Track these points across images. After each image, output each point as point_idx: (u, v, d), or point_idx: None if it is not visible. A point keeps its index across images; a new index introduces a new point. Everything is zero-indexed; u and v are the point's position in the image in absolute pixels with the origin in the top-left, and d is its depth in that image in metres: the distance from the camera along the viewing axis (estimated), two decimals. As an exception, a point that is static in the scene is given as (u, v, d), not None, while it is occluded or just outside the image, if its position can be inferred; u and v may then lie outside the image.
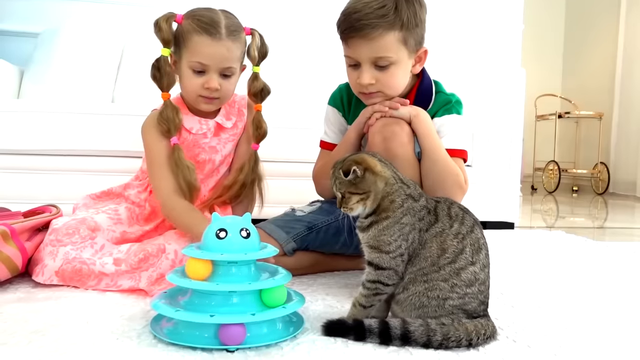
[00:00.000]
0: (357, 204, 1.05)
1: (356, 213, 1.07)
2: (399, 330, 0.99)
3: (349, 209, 1.06)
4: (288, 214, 1.56)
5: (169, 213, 1.44)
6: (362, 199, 1.05)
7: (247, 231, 1.04)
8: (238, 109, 1.60)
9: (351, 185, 1.05)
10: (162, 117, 1.44)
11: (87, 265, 1.33)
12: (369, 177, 1.05)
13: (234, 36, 1.44)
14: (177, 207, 1.41)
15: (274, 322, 1.03)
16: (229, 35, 1.42)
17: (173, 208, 1.42)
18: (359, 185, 1.05)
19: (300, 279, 1.46)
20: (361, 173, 1.04)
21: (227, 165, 1.61)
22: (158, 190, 1.46)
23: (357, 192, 1.05)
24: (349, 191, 1.05)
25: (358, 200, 1.05)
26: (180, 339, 0.97)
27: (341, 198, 1.07)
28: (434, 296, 1.02)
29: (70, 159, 2.20)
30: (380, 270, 1.05)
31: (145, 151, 1.49)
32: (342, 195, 1.07)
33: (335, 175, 1.08)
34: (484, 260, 1.05)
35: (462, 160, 1.37)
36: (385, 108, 1.31)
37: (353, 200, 1.05)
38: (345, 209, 1.07)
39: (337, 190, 1.08)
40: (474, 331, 1.00)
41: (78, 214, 1.47)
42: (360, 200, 1.05)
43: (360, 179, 1.04)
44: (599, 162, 5.68)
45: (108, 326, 1.06)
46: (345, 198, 1.06)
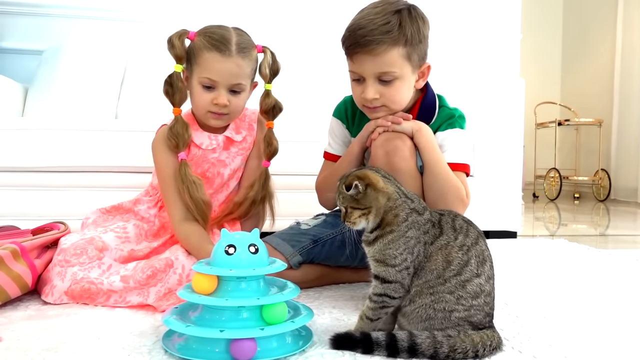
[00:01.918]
0: (359, 219, 1.07)
1: (359, 227, 1.09)
2: (406, 343, 1.01)
3: (352, 223, 1.08)
4: (293, 228, 1.57)
5: (182, 241, 1.46)
6: (363, 214, 1.07)
7: (256, 247, 1.06)
8: (249, 123, 1.62)
9: (353, 200, 1.07)
10: (171, 132, 1.47)
11: (95, 285, 1.34)
12: (371, 193, 1.07)
13: (244, 53, 1.46)
14: (189, 235, 1.43)
15: (284, 337, 1.05)
16: (239, 52, 1.45)
17: (186, 236, 1.44)
18: (360, 200, 1.07)
19: (306, 292, 1.48)
20: (363, 189, 1.06)
21: (237, 180, 1.63)
22: (170, 215, 1.49)
23: (358, 207, 1.07)
24: (351, 206, 1.08)
25: (360, 215, 1.07)
26: (191, 354, 0.99)
27: (345, 212, 1.09)
28: (440, 308, 1.04)
29: (76, 175, 2.22)
30: (387, 284, 1.06)
31: (156, 168, 1.52)
32: (345, 210, 1.09)
33: (339, 190, 1.10)
34: (489, 272, 1.07)
35: (465, 174, 1.39)
36: (388, 123, 1.34)
37: (355, 215, 1.07)
38: (348, 223, 1.09)
39: (341, 205, 1.10)
40: (480, 342, 1.01)
41: (87, 233, 1.48)
42: (362, 215, 1.07)
43: (362, 194, 1.07)
44: (600, 169, 5.70)
45: (119, 342, 1.08)
46: (348, 213, 1.08)
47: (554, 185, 5.70)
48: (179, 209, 1.46)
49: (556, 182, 5.66)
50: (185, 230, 1.44)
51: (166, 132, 1.48)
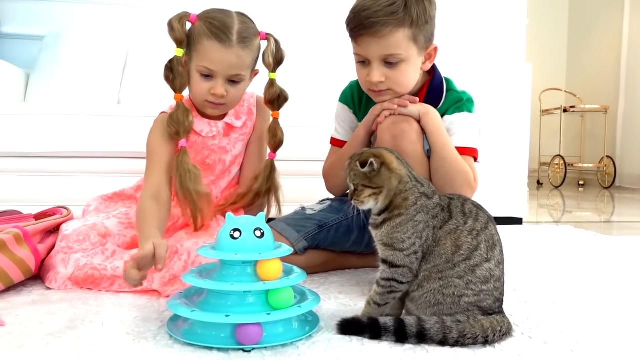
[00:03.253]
0: (368, 198, 1.05)
1: (367, 207, 1.07)
2: (415, 328, 0.99)
3: (360, 202, 1.06)
4: (298, 213, 1.56)
5: (137, 214, 1.37)
6: (374, 194, 1.05)
7: (262, 231, 1.04)
8: (248, 108, 1.59)
9: (365, 178, 1.05)
10: (172, 119, 1.42)
11: (99, 271, 1.33)
12: (385, 172, 1.05)
13: (245, 43, 1.41)
14: (145, 211, 1.34)
15: (290, 322, 1.03)
16: (239, 42, 1.39)
17: (142, 210, 1.35)
18: (373, 179, 1.05)
19: (312, 277, 1.47)
20: (377, 167, 1.04)
21: (239, 165, 1.61)
22: (144, 186, 1.43)
23: (370, 185, 1.05)
24: (362, 184, 1.06)
25: (370, 194, 1.05)
26: (196, 339, 0.98)
27: (354, 190, 1.07)
28: (449, 293, 1.02)
29: (78, 160, 2.20)
30: (395, 268, 1.05)
31: (147, 151, 1.47)
32: (355, 188, 1.07)
33: (350, 167, 1.08)
34: (498, 256, 1.05)
35: (473, 159, 1.37)
36: (395, 106, 1.31)
37: (365, 194, 1.05)
38: (356, 202, 1.07)
39: (351, 182, 1.08)
40: (490, 328, 1.00)
41: (89, 219, 1.47)
42: (372, 194, 1.05)
43: (376, 173, 1.05)
44: (605, 156, 5.66)
45: (124, 327, 1.07)
46: (358, 190, 1.06)
47: (559, 172, 5.67)
48: (153, 184, 1.39)
49: (561, 169, 5.63)
50: (146, 206, 1.35)
51: (166, 119, 1.44)
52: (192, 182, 1.38)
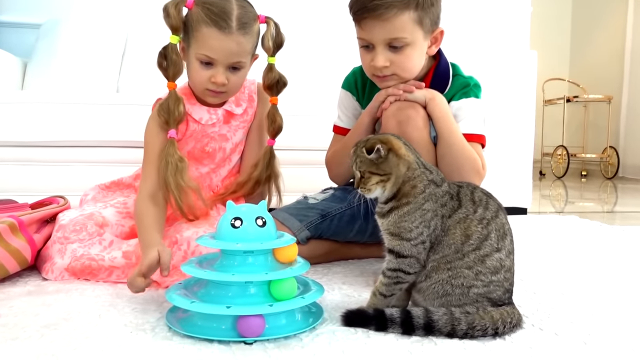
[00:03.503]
0: (376, 185, 1.02)
1: (373, 195, 1.03)
2: (422, 320, 0.96)
3: (367, 189, 1.02)
4: (300, 202, 1.52)
5: (135, 216, 1.34)
6: (382, 181, 1.01)
7: (263, 219, 1.01)
8: (248, 94, 1.55)
9: (372, 164, 1.01)
10: (162, 108, 1.36)
11: (97, 262, 1.30)
12: (392, 158, 1.01)
13: (245, 29, 1.35)
14: (144, 215, 1.30)
15: (293, 313, 1.00)
16: (239, 29, 1.34)
17: (141, 214, 1.31)
18: (380, 165, 1.01)
19: (314, 268, 1.43)
20: (384, 153, 1.01)
21: (239, 153, 1.57)
22: (140, 186, 1.39)
23: (377, 172, 1.01)
24: (369, 171, 1.02)
25: (377, 182, 1.01)
26: (196, 331, 0.94)
27: (360, 178, 1.03)
28: (458, 284, 0.99)
29: (76, 150, 2.16)
30: (402, 258, 1.01)
31: (144, 144, 1.44)
32: (361, 175, 1.03)
33: (356, 154, 1.04)
34: (509, 246, 1.02)
35: (480, 146, 1.33)
36: (400, 91, 1.27)
37: (372, 181, 1.01)
38: (363, 190, 1.03)
39: (357, 169, 1.04)
40: (500, 320, 0.97)
41: (86, 209, 1.43)
42: (380, 181, 1.01)
43: (383, 159, 1.01)
44: (608, 146, 5.61)
45: (121, 319, 1.03)
46: (365, 178, 1.02)
47: (561, 163, 5.63)
48: (150, 185, 1.35)
49: (563, 160, 5.59)
50: (144, 208, 1.31)
51: (157, 108, 1.39)
52: (174, 174, 1.32)
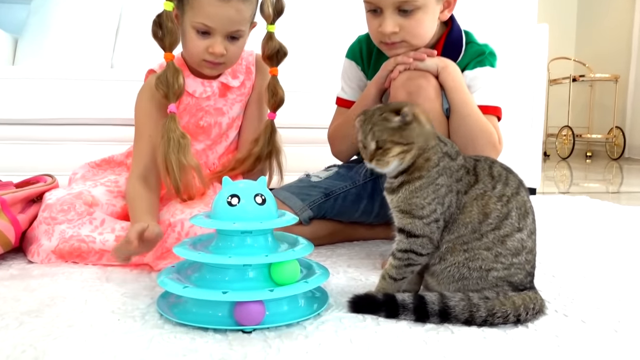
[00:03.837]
0: (395, 157, 0.91)
1: (389, 169, 0.92)
2: (437, 306, 0.88)
3: (385, 162, 0.91)
4: (303, 180, 1.44)
5: (127, 199, 1.28)
6: (403, 152, 0.91)
7: (263, 197, 0.92)
8: (246, 66, 1.45)
9: (395, 133, 0.91)
10: (160, 80, 1.27)
11: (87, 243, 1.22)
12: (416, 127, 0.92)
13: None
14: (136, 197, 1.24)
15: (296, 299, 0.92)
16: None
17: (133, 197, 1.25)
18: (403, 134, 0.91)
19: (317, 250, 1.33)
20: (410, 119, 0.91)
21: (237, 129, 1.47)
22: (132, 165, 1.32)
23: (400, 142, 0.91)
24: (391, 140, 0.91)
25: (399, 153, 0.91)
26: (190, 318, 0.86)
27: (374, 149, 0.91)
28: (476, 267, 0.91)
29: (69, 128, 2.06)
30: (413, 238, 0.93)
31: (135, 116, 1.35)
32: (377, 146, 0.91)
33: (372, 121, 0.92)
34: (531, 226, 0.93)
35: (496, 118, 1.24)
36: (410, 59, 1.18)
37: (394, 152, 0.91)
38: (378, 163, 0.91)
39: (373, 139, 0.91)
40: (522, 305, 0.88)
41: (74, 187, 1.34)
42: (401, 152, 0.91)
43: (407, 127, 0.91)
44: (614, 127, 5.51)
45: (109, 305, 0.95)
46: (384, 149, 0.91)
47: (567, 143, 5.53)
48: (142, 165, 1.28)
49: (569, 141, 5.49)
50: (136, 190, 1.25)
51: (154, 81, 1.29)
52: (177, 152, 1.23)
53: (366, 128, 0.93)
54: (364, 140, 0.93)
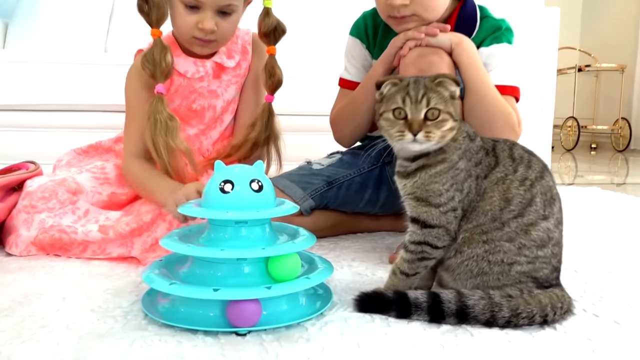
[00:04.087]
0: (445, 132, 0.81)
1: (430, 145, 0.81)
2: (454, 305, 0.78)
3: (436, 136, 0.80)
4: (303, 168, 1.34)
5: (128, 179, 1.25)
6: (452, 128, 0.82)
7: (260, 183, 0.82)
8: (242, 45, 1.36)
9: (449, 104, 0.82)
10: (146, 58, 1.19)
11: (68, 235, 1.13)
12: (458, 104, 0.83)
13: None
14: (136, 173, 1.21)
15: (296, 297, 0.82)
16: None
17: (132, 174, 1.22)
18: (455, 108, 0.82)
19: (319, 242, 1.25)
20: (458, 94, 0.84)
21: (232, 113, 1.38)
22: (124, 149, 1.26)
23: (454, 115, 0.82)
24: (448, 111, 0.81)
25: (450, 128, 0.81)
26: (177, 319, 0.77)
27: (422, 120, 0.80)
28: (497, 260, 0.81)
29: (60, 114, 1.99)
30: (428, 229, 0.83)
31: (125, 102, 1.27)
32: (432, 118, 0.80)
33: (425, 86, 0.82)
34: (558, 214, 0.84)
35: (514, 99, 1.15)
36: (421, 35, 1.08)
37: (447, 126, 0.81)
38: (428, 136, 0.80)
39: (427, 106, 0.80)
40: (549, 304, 0.79)
41: (57, 174, 1.25)
42: (450, 129, 0.82)
43: (454, 101, 0.83)
44: (620, 118, 5.41)
45: (89, 303, 0.86)
46: (439, 120, 0.81)
47: (571, 135, 5.43)
48: (134, 147, 1.22)
49: (574, 132, 5.39)
50: (138, 167, 1.20)
51: (140, 59, 1.21)
52: (165, 135, 1.16)
53: (415, 92, 0.81)
54: (410, 106, 0.81)
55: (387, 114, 0.83)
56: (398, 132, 0.81)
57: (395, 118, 0.82)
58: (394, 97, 0.82)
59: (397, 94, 0.82)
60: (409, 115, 0.81)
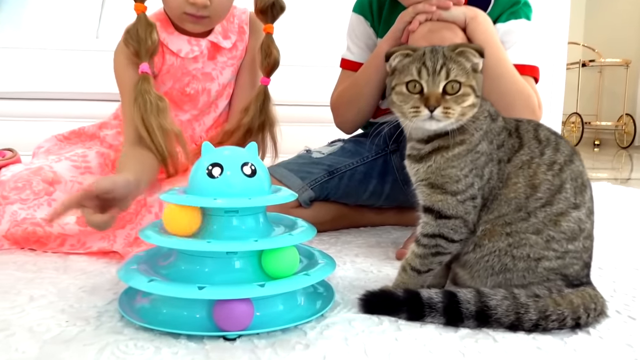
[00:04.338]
0: (466, 109, 0.71)
1: (450, 122, 0.71)
2: (474, 306, 0.69)
3: (455, 113, 0.70)
4: (302, 156, 1.25)
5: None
6: (473, 105, 0.72)
7: (253, 167, 0.73)
8: (239, 25, 1.26)
9: (471, 78, 0.72)
10: (130, 35, 1.11)
11: (43, 228, 1.03)
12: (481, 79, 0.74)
13: None
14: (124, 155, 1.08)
15: (293, 296, 0.73)
16: None
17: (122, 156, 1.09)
18: (478, 81, 0.73)
19: (319, 236, 1.17)
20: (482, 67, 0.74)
21: (227, 98, 1.28)
22: (124, 134, 1.15)
23: (476, 89, 0.72)
24: (470, 84, 0.72)
25: (471, 104, 0.72)
26: (159, 321, 0.67)
27: (441, 94, 0.71)
28: (522, 255, 0.71)
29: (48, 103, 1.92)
30: (443, 220, 0.73)
31: (116, 80, 1.18)
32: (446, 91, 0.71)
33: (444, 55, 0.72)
34: (589, 203, 0.74)
35: (534, 80, 1.05)
36: (433, 8, 0.99)
37: (468, 101, 0.71)
38: (447, 113, 0.70)
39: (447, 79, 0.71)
40: (582, 305, 0.69)
41: (34, 162, 1.16)
42: (472, 105, 0.72)
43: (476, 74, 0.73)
44: (625, 114, 5.33)
45: (60, 303, 0.76)
46: (460, 94, 0.71)
47: (575, 131, 5.34)
48: (132, 130, 1.10)
49: (577, 128, 5.30)
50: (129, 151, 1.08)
51: (124, 36, 1.13)
52: (157, 115, 1.07)
53: (432, 62, 0.72)
54: (427, 78, 0.71)
55: (400, 87, 0.73)
56: (412, 107, 0.71)
57: (410, 92, 0.72)
58: (408, 69, 0.72)
59: (411, 65, 0.72)
60: (426, 89, 0.71)
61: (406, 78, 0.72)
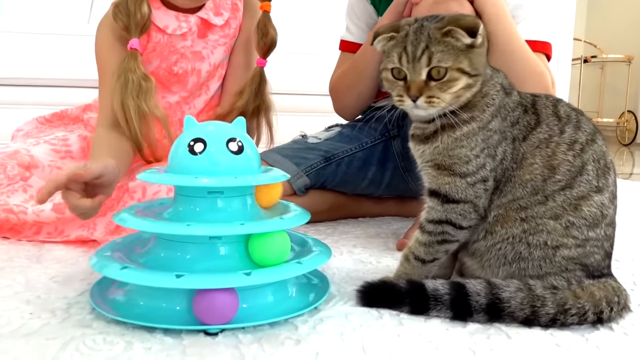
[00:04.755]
0: (459, 92, 0.64)
1: (438, 110, 0.65)
2: (485, 298, 0.62)
3: (436, 101, 0.64)
4: (298, 142, 1.18)
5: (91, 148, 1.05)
6: (468, 86, 0.65)
7: (240, 143, 0.65)
8: (232, 2, 1.19)
9: (463, 58, 0.64)
10: (119, 8, 1.04)
11: (16, 215, 0.96)
12: (484, 52, 0.66)
13: None
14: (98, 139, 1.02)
15: (284, 286, 0.66)
16: None
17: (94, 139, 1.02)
18: (473, 60, 0.65)
19: (314, 226, 1.11)
20: (482, 40, 0.66)
21: (220, 79, 1.21)
22: (97, 117, 1.08)
23: (469, 71, 0.64)
24: (459, 67, 0.64)
25: (465, 86, 0.64)
26: (135, 314, 0.60)
27: (425, 81, 0.64)
28: (538, 243, 0.65)
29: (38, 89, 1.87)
30: (451, 205, 0.66)
31: (95, 56, 1.11)
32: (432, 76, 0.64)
33: (425, 37, 0.64)
34: (612, 187, 0.67)
35: (546, 57, 0.99)
36: (438, -22, 0.91)
37: (460, 85, 0.64)
38: (431, 102, 0.64)
39: (429, 65, 0.63)
40: (604, 299, 0.63)
41: (10, 145, 1.08)
42: (467, 86, 0.64)
43: (474, 50, 0.65)
44: (626, 111, 5.28)
45: (26, 293, 0.69)
46: (446, 80, 0.64)
47: (577, 128, 5.29)
48: (110, 112, 1.03)
49: (579, 125, 5.25)
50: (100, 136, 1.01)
51: (112, 9, 1.06)
52: (136, 97, 1.00)
53: (413, 47, 0.64)
54: (407, 65, 0.64)
55: (386, 73, 0.67)
56: (397, 96, 0.66)
57: (395, 78, 0.66)
58: (391, 54, 0.66)
59: (393, 50, 0.66)
60: (408, 76, 0.64)
61: (389, 64, 0.66)
